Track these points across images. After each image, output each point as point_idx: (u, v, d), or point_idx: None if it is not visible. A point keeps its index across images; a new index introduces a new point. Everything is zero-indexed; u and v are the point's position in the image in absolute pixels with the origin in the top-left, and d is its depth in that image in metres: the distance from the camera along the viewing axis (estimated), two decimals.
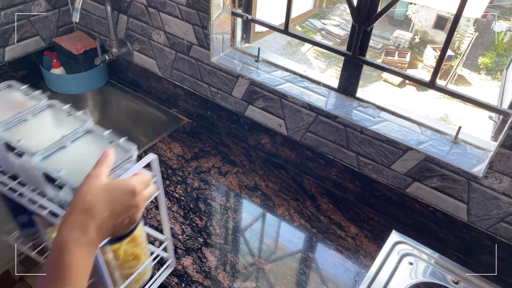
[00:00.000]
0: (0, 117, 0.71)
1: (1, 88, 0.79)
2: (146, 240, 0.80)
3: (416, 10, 12.64)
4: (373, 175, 1.17)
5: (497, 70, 11.73)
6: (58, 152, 0.67)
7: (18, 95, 0.79)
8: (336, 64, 11.88)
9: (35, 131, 0.72)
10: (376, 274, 1.00)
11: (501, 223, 1.01)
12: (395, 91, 10.92)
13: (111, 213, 0.57)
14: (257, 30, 1.44)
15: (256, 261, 1.03)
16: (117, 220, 0.58)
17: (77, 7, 1.28)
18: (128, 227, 0.61)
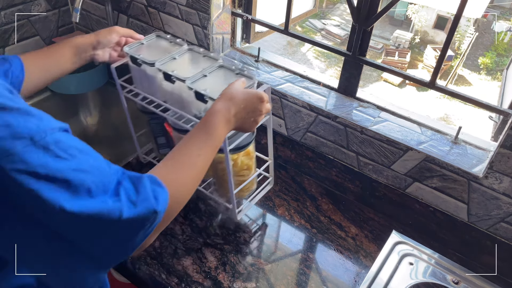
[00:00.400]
0: (156, 57, 0.96)
1: (151, 37, 1.04)
2: (255, 158, 1.06)
3: (416, 10, 12.64)
4: (373, 175, 1.17)
5: (497, 70, 11.74)
6: (201, 79, 0.92)
7: (164, 42, 1.04)
8: (336, 64, 11.88)
9: (182, 66, 0.96)
10: (376, 274, 1.00)
11: (501, 223, 1.01)
12: (395, 91, 10.92)
13: (245, 107, 0.77)
14: (257, 30, 1.44)
15: (256, 261, 1.03)
16: (247, 115, 0.79)
17: (77, 7, 1.28)
18: (252, 127, 0.82)
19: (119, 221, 0.48)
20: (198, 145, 0.69)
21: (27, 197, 0.42)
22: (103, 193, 0.47)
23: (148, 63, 0.95)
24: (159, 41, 1.04)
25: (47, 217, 0.44)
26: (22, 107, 0.44)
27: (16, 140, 0.42)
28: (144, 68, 0.97)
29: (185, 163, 0.65)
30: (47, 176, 0.43)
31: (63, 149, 0.45)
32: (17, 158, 0.41)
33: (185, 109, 0.96)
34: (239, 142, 0.93)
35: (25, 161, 0.42)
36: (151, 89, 1.01)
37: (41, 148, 0.43)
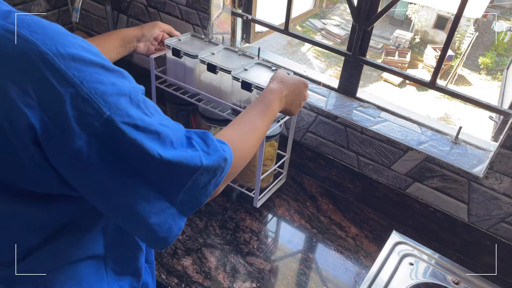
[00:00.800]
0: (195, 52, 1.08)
1: (187, 36, 1.17)
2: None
3: (416, 10, 12.65)
4: (373, 175, 1.17)
5: (498, 70, 11.74)
6: (242, 72, 1.04)
7: (199, 41, 1.16)
8: (336, 64, 11.88)
9: (222, 61, 1.07)
10: (377, 274, 1.00)
11: (502, 223, 1.01)
12: (395, 91, 10.93)
13: (293, 90, 0.89)
14: (257, 30, 1.44)
15: (256, 261, 1.03)
16: (294, 97, 0.89)
17: (77, 7, 1.28)
18: (296, 110, 0.92)
19: (200, 168, 0.55)
20: (257, 114, 0.79)
21: (131, 148, 0.48)
22: (181, 145, 0.55)
23: (191, 55, 1.07)
24: (194, 40, 1.16)
25: (145, 165, 0.50)
26: (117, 69, 0.50)
27: (121, 97, 0.48)
28: (184, 60, 1.09)
29: (246, 126, 0.75)
30: (144, 128, 0.49)
31: (148, 107, 0.52)
32: (124, 112, 0.47)
33: (222, 99, 1.09)
34: (270, 131, 1.05)
35: (129, 115, 0.48)
36: (187, 80, 1.13)
37: (136, 105, 0.50)
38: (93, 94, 0.45)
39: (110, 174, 0.49)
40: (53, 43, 0.44)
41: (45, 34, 0.45)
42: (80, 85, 0.45)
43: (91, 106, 0.45)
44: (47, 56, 0.43)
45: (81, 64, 0.46)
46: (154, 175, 0.51)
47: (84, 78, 0.45)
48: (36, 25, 0.45)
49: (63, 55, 0.44)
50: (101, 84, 0.46)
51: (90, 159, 0.47)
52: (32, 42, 0.43)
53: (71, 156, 0.47)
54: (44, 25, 0.46)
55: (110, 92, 0.47)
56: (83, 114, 0.45)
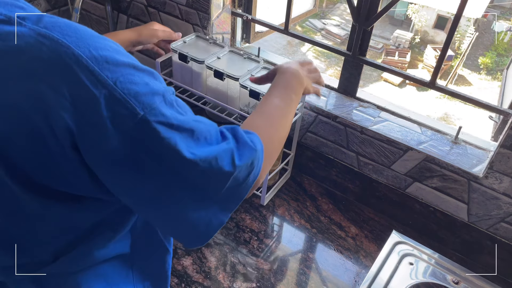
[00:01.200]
0: (199, 55, 1.08)
1: (191, 37, 1.18)
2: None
3: (416, 10, 12.65)
4: (373, 175, 1.17)
5: (497, 70, 11.74)
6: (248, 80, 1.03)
7: (204, 42, 1.17)
8: (336, 64, 11.88)
9: (228, 66, 1.08)
10: (376, 274, 1.00)
11: (501, 223, 1.01)
12: (395, 91, 10.93)
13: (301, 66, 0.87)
14: (257, 30, 1.44)
15: (256, 261, 1.03)
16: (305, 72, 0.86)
17: (77, 7, 1.28)
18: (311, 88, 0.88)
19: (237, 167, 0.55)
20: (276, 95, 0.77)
21: (165, 147, 0.48)
22: (216, 141, 0.55)
23: (197, 61, 1.07)
24: (199, 41, 1.17)
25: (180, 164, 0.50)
26: (148, 69, 0.50)
27: (155, 96, 0.48)
28: (190, 64, 1.09)
29: (267, 111, 0.74)
30: (178, 127, 0.49)
31: (180, 106, 0.52)
32: (158, 111, 0.48)
33: (229, 104, 1.11)
34: None
35: (163, 114, 0.48)
36: (193, 84, 1.14)
37: (169, 104, 0.50)
38: (126, 95, 0.46)
39: (145, 174, 0.49)
40: (86, 45, 0.45)
41: (77, 37, 0.45)
42: (114, 86, 0.45)
43: (124, 106, 0.46)
44: (81, 59, 0.44)
45: (113, 65, 0.46)
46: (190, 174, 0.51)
47: (117, 79, 0.46)
48: (69, 28, 0.46)
49: (96, 57, 0.45)
50: (134, 84, 0.47)
51: (125, 159, 0.47)
52: (66, 46, 0.44)
53: (107, 157, 0.47)
54: (76, 28, 0.47)
55: (143, 92, 0.47)
56: (117, 115, 0.45)
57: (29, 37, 0.44)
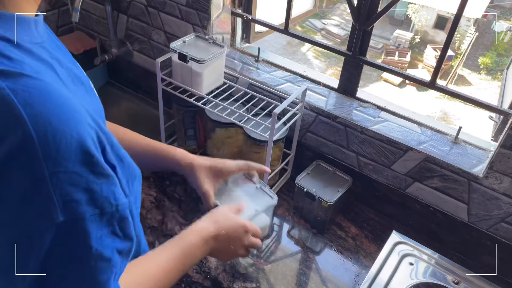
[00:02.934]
0: (200, 55, 1.07)
1: (191, 37, 1.16)
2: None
3: (416, 10, 12.64)
4: (373, 175, 1.17)
5: (498, 70, 11.73)
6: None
7: (203, 42, 1.16)
8: (336, 64, 11.88)
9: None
10: (377, 274, 0.99)
11: (502, 223, 1.01)
12: (395, 91, 10.92)
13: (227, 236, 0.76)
14: (257, 30, 1.44)
15: (256, 261, 1.03)
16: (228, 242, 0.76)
17: (77, 7, 1.27)
18: (229, 257, 0.81)
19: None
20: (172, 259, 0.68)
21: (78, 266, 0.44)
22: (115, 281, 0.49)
23: (197, 61, 1.07)
24: (198, 41, 1.16)
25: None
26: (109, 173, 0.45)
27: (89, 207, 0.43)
28: (190, 64, 1.09)
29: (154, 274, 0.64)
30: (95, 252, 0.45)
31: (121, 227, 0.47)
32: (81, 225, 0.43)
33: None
34: (278, 135, 1.05)
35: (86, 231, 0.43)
36: (193, 84, 1.13)
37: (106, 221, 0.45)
38: (55, 194, 0.40)
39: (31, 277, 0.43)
40: (45, 123, 0.39)
41: (41, 111, 0.39)
42: (46, 180, 0.39)
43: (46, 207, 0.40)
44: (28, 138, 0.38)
45: (65, 157, 0.40)
46: None
47: (56, 174, 0.40)
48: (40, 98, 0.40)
49: (48, 141, 0.39)
50: (73, 186, 0.41)
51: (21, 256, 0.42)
52: (20, 118, 0.38)
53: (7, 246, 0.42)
54: (50, 100, 0.40)
55: (79, 198, 0.41)
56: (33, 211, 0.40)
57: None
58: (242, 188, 0.93)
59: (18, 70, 0.40)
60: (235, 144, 1.22)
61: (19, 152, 0.38)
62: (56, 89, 0.42)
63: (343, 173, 1.17)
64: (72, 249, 0.43)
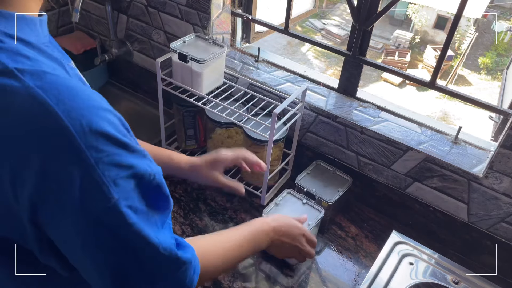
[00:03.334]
0: (200, 55, 1.08)
1: (191, 37, 1.16)
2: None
3: (416, 10, 12.64)
4: (373, 175, 1.17)
5: (497, 70, 11.73)
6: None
7: (203, 42, 1.15)
8: (336, 64, 11.88)
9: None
10: (376, 274, 1.00)
11: (502, 223, 1.01)
12: (395, 91, 10.92)
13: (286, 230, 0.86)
14: (257, 30, 1.44)
15: (256, 261, 1.03)
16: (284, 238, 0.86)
17: (77, 7, 1.27)
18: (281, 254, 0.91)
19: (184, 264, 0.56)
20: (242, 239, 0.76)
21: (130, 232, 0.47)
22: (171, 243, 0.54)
23: (197, 61, 1.06)
24: (198, 41, 1.16)
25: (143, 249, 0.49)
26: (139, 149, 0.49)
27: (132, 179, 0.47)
28: (190, 64, 1.09)
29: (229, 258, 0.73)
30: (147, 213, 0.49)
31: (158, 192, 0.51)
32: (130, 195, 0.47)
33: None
34: (278, 135, 1.05)
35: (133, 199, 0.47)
36: (193, 84, 1.13)
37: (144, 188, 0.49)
38: (105, 177, 0.43)
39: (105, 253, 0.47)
40: (79, 116, 0.42)
41: (73, 105, 0.42)
42: (94, 167, 0.43)
43: (100, 190, 0.43)
44: (67, 132, 0.41)
45: (102, 143, 0.43)
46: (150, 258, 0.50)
47: (101, 159, 0.43)
48: (68, 93, 0.42)
49: (86, 132, 0.42)
50: (117, 166, 0.45)
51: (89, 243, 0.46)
52: (55, 115, 0.40)
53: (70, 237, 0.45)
54: (76, 94, 0.43)
55: (123, 175, 0.45)
56: (89, 197, 0.43)
57: (19, 96, 0.40)
58: (291, 205, 1.05)
59: (40, 68, 0.42)
60: (235, 144, 1.22)
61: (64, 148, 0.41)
62: (76, 83, 0.44)
63: (343, 173, 1.17)
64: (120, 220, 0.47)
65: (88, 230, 0.45)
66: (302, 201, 1.06)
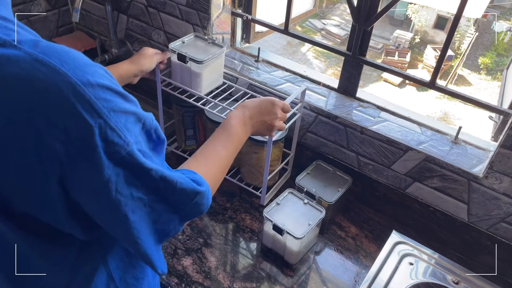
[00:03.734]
0: (200, 56, 1.08)
1: (190, 37, 1.16)
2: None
3: (416, 10, 12.64)
4: (373, 175, 1.17)
5: (497, 70, 11.73)
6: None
7: (202, 42, 1.16)
8: (336, 64, 11.88)
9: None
10: (376, 274, 1.00)
11: (501, 223, 1.01)
12: (395, 91, 10.92)
13: (259, 111, 0.87)
14: (257, 30, 1.44)
15: (256, 261, 1.03)
16: (262, 118, 0.87)
17: (77, 7, 1.28)
18: (269, 130, 0.90)
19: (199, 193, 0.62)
20: (221, 143, 0.78)
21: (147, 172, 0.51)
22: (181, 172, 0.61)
23: (196, 61, 1.06)
24: (197, 41, 1.16)
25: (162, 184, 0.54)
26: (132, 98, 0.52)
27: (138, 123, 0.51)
28: (189, 65, 1.09)
29: (212, 158, 0.75)
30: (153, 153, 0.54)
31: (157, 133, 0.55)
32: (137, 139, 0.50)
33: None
34: (277, 136, 1.06)
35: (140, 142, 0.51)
36: (192, 84, 1.13)
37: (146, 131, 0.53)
38: (119, 124, 0.47)
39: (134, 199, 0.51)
40: (83, 73, 0.45)
41: (75, 64, 0.45)
42: (109, 115, 0.46)
43: (118, 135, 0.47)
44: (78, 88, 0.44)
45: (108, 94, 0.47)
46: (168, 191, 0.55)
47: (112, 108, 0.46)
48: (66, 54, 0.45)
49: (93, 85, 0.45)
50: (125, 113, 0.48)
51: (118, 188, 0.49)
52: (63, 73, 0.43)
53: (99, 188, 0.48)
54: (73, 55, 0.46)
55: (131, 120, 0.49)
56: (111, 144, 0.46)
57: (24, 63, 0.43)
58: (292, 205, 1.05)
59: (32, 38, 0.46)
60: None
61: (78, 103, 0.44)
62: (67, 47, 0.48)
63: (343, 173, 1.17)
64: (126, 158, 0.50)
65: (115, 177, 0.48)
66: (304, 201, 1.06)
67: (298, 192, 1.09)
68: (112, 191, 0.48)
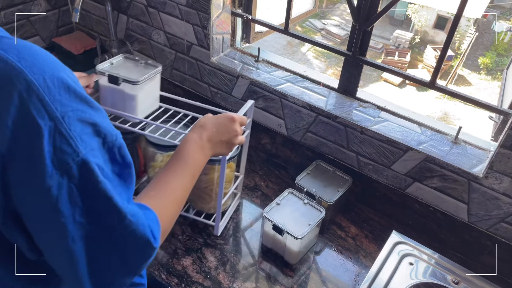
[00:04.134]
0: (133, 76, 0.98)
1: (119, 58, 1.05)
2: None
3: (416, 10, 12.64)
4: (373, 175, 1.17)
5: (497, 70, 11.73)
6: None
7: (132, 63, 1.05)
8: (336, 64, 11.88)
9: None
10: (376, 274, 1.00)
11: (501, 223, 1.01)
12: (395, 91, 10.92)
13: (217, 130, 0.79)
14: (257, 30, 1.44)
15: (256, 261, 1.03)
16: (221, 137, 0.79)
17: (77, 7, 1.28)
18: (229, 149, 0.82)
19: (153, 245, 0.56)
20: (177, 172, 0.70)
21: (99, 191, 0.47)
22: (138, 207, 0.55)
23: (131, 82, 0.97)
24: (127, 62, 1.06)
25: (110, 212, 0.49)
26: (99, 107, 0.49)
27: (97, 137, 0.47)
28: (122, 87, 0.98)
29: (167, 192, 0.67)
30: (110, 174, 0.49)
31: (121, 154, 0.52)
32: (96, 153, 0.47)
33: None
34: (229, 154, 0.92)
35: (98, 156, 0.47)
36: (126, 108, 1.01)
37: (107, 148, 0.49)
38: (72, 131, 0.44)
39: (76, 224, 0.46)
40: (41, 72, 0.43)
41: (34, 62, 0.44)
42: (61, 120, 0.43)
43: (68, 143, 0.44)
44: (33, 85, 0.42)
45: (66, 97, 0.44)
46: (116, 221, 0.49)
47: (66, 113, 0.44)
48: (27, 51, 0.44)
49: (49, 86, 0.43)
50: (81, 121, 0.45)
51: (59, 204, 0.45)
52: (18, 69, 0.42)
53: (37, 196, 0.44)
54: (35, 52, 0.45)
55: (88, 131, 0.46)
56: (58, 151, 0.44)
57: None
58: (292, 205, 1.05)
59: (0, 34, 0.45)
60: None
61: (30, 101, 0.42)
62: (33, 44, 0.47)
63: (343, 173, 1.17)
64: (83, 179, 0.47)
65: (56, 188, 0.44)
66: (304, 201, 1.06)
67: (298, 192, 1.09)
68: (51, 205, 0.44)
